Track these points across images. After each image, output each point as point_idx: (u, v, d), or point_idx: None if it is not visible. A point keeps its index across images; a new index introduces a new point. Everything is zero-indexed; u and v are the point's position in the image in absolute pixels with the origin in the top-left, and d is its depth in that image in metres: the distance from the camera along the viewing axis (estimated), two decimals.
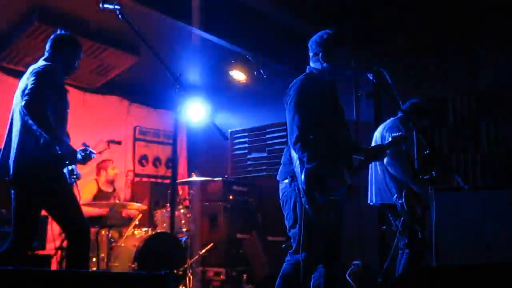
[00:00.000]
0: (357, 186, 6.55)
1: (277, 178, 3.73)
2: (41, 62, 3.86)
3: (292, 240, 3.57)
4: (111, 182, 6.96)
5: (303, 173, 3.36)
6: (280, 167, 3.72)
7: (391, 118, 5.09)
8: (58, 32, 4.08)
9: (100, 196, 6.61)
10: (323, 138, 3.50)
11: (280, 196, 3.68)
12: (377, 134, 5.14)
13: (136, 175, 8.49)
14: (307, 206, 3.37)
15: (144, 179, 8.48)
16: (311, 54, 3.69)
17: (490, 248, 5.83)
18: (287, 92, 3.61)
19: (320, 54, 3.61)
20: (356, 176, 3.66)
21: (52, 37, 4.05)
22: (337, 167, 3.51)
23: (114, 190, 7.02)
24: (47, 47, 4.01)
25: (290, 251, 3.59)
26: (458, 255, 5.77)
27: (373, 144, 5.04)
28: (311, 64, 3.71)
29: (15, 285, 1.72)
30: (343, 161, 3.59)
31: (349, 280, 6.43)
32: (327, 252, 3.64)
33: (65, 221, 3.73)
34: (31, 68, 3.80)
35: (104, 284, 1.73)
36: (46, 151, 3.60)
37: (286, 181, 3.59)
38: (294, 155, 3.49)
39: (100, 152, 6.41)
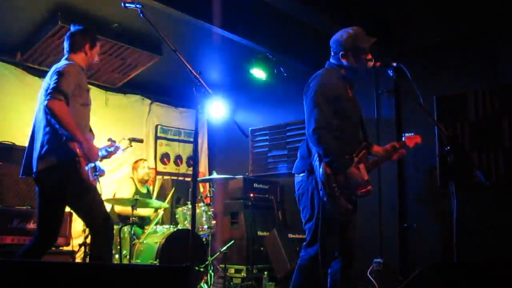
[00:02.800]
0: (377, 184, 6.57)
1: (293, 171, 3.74)
2: (63, 62, 3.92)
3: (307, 234, 3.58)
4: (143, 182, 7.04)
5: (321, 166, 3.38)
6: (297, 161, 3.74)
7: None
8: (72, 29, 4.10)
9: (136, 195, 6.68)
10: (338, 133, 3.53)
11: (296, 189, 3.70)
12: None
13: (158, 173, 8.57)
14: (325, 199, 3.39)
15: (166, 177, 8.55)
16: (332, 53, 3.71)
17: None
18: (307, 85, 3.64)
19: (340, 54, 3.64)
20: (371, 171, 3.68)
21: (68, 35, 4.08)
22: (353, 160, 3.53)
23: (148, 192, 7.09)
24: (66, 45, 4.05)
25: (304, 245, 3.61)
26: (479, 252, 5.74)
27: None
28: (331, 60, 3.73)
29: (40, 277, 1.76)
30: (358, 157, 3.60)
31: (370, 278, 6.43)
32: (345, 249, 3.65)
33: (88, 217, 3.77)
34: (53, 68, 3.86)
35: (126, 277, 1.77)
36: (68, 149, 3.65)
37: (303, 174, 3.62)
38: (313, 148, 3.51)
39: (123, 150, 6.53)
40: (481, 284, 2.29)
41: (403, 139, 4.23)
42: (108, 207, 4.77)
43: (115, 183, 7.31)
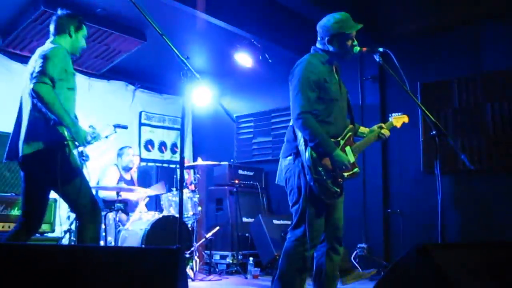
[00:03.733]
0: (362, 170, 6.62)
1: (281, 156, 3.77)
2: (48, 45, 3.85)
3: (293, 216, 3.62)
4: (127, 170, 7.00)
5: (307, 150, 3.42)
6: (283, 145, 3.76)
7: None
8: (59, 12, 4.03)
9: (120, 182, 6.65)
10: (323, 117, 3.56)
11: (283, 173, 3.71)
12: None
13: (142, 159, 8.53)
14: (311, 183, 3.42)
15: (150, 164, 8.53)
16: (318, 38, 3.72)
17: (494, 228, 5.89)
18: (291, 71, 3.65)
19: (326, 39, 3.64)
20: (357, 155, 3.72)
21: (54, 18, 4.01)
22: (337, 145, 3.57)
23: (131, 179, 7.06)
24: (51, 29, 3.98)
25: (290, 228, 3.65)
26: (464, 235, 5.84)
27: None
28: (317, 45, 3.74)
29: (28, 260, 1.75)
30: (344, 140, 3.64)
31: (354, 262, 6.49)
32: (331, 233, 3.69)
33: (76, 202, 3.73)
34: (38, 51, 3.80)
35: (118, 259, 1.77)
36: (56, 133, 3.62)
37: (290, 157, 3.64)
38: (299, 132, 3.53)
39: (106, 137, 6.48)
40: (465, 264, 2.32)
41: (390, 119, 4.27)
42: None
43: (99, 169, 7.27)
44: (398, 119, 4.26)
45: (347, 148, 3.65)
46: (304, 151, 3.47)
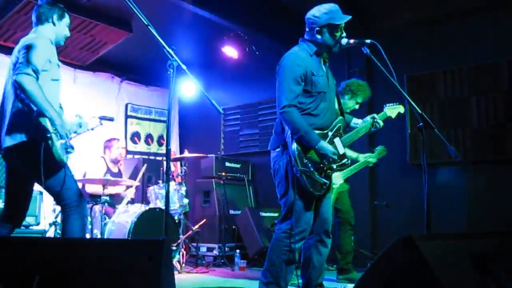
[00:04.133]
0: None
1: (268, 147, 3.77)
2: (31, 35, 3.79)
3: (282, 208, 3.63)
4: (115, 162, 6.94)
5: (293, 143, 3.42)
6: (272, 136, 3.76)
7: None
8: (40, 1, 3.95)
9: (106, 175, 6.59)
10: (309, 109, 3.58)
11: (272, 165, 3.72)
12: None
13: (128, 152, 8.49)
14: (298, 175, 3.43)
15: (136, 156, 8.49)
16: (307, 29, 3.71)
17: (479, 218, 5.95)
18: (279, 63, 3.66)
19: (315, 30, 3.63)
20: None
21: (36, 7, 3.93)
22: (325, 137, 3.58)
23: (119, 171, 7.00)
24: (34, 18, 3.90)
25: (278, 220, 3.66)
26: (450, 226, 5.89)
27: None
28: (305, 37, 3.73)
29: (13, 253, 1.73)
30: (332, 131, 3.66)
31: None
32: (319, 225, 3.70)
33: (61, 195, 3.70)
34: (22, 41, 3.73)
35: (104, 251, 1.76)
36: (38, 126, 3.57)
37: (278, 149, 3.65)
38: (287, 129, 3.54)
39: (92, 129, 6.42)
40: (451, 255, 2.34)
41: (384, 110, 4.27)
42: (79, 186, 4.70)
43: (85, 162, 7.21)
44: (392, 110, 4.27)
45: (336, 140, 3.66)
46: (290, 143, 3.47)
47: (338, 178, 5.14)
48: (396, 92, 3.35)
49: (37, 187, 3.90)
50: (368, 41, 3.44)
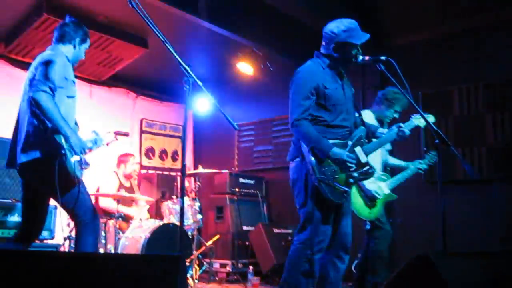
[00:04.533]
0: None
1: (287, 158, 3.76)
2: (49, 51, 3.83)
3: (301, 218, 3.60)
4: (129, 178, 6.97)
5: (310, 152, 3.43)
6: (290, 147, 3.76)
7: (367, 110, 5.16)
8: (67, 19, 4.00)
9: (120, 190, 6.62)
10: (323, 121, 3.58)
11: (290, 175, 3.71)
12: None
13: (142, 167, 8.52)
14: (316, 183, 3.41)
15: (151, 171, 8.52)
16: (323, 42, 3.73)
17: (496, 237, 5.88)
18: (292, 77, 3.68)
19: (331, 46, 3.65)
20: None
21: (60, 24, 3.98)
22: (345, 146, 3.56)
23: (131, 185, 7.03)
24: (56, 35, 3.95)
25: (296, 231, 3.64)
26: (465, 244, 5.82)
27: None
28: (322, 51, 3.75)
29: (28, 267, 1.74)
30: (352, 141, 3.64)
31: (356, 272, 6.45)
32: (337, 240, 3.67)
33: (75, 210, 3.71)
34: (39, 57, 3.77)
35: (119, 266, 1.76)
36: (53, 142, 3.60)
37: (297, 159, 3.64)
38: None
39: (107, 144, 6.47)
40: (467, 273, 2.32)
41: (411, 119, 4.24)
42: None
43: (99, 177, 7.25)
44: (420, 119, 4.22)
45: (357, 149, 3.64)
46: (307, 153, 3.47)
47: (384, 188, 5.05)
48: (411, 109, 3.34)
49: (52, 202, 3.93)
50: (383, 58, 3.44)
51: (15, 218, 5.35)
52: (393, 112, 5.17)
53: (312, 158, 3.44)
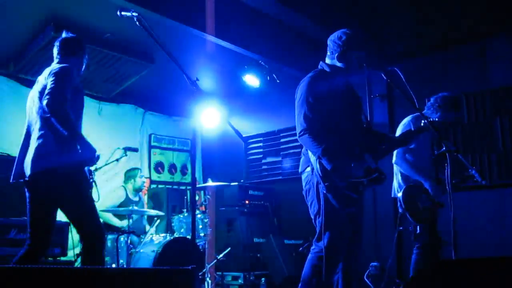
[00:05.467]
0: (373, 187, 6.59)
1: (299, 170, 3.77)
2: (56, 65, 3.87)
3: (316, 228, 3.59)
4: (138, 191, 7.01)
5: (317, 163, 3.43)
6: (301, 159, 3.78)
7: (409, 116, 5.07)
8: (66, 35, 4.07)
9: (127, 204, 6.65)
10: (330, 129, 3.58)
11: (303, 186, 3.72)
12: (397, 130, 5.13)
13: (152, 182, 8.56)
14: (325, 192, 3.43)
15: (161, 186, 8.55)
16: (328, 52, 3.75)
17: (508, 242, 5.84)
18: (296, 89, 3.70)
19: (336, 55, 3.68)
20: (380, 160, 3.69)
21: (61, 40, 4.03)
22: (350, 152, 3.56)
23: (140, 200, 7.07)
24: (58, 50, 4.00)
25: (314, 240, 3.63)
26: (477, 250, 5.79)
27: None
28: (326, 60, 3.77)
29: (42, 283, 1.76)
30: (357, 147, 3.63)
31: (368, 282, 6.44)
32: (348, 248, 3.66)
33: (83, 224, 3.67)
34: (47, 70, 3.79)
35: (133, 280, 1.78)
36: (66, 152, 3.61)
37: (308, 169, 3.64)
38: (310, 152, 3.55)
39: (117, 160, 6.53)
40: (480, 281, 2.31)
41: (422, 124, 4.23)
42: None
43: (108, 192, 7.28)
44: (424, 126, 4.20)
45: (366, 155, 3.63)
46: (315, 162, 3.48)
47: None
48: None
49: (64, 217, 3.92)
50: (388, 68, 3.46)
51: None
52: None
53: (320, 167, 3.45)
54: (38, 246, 3.76)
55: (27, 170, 3.67)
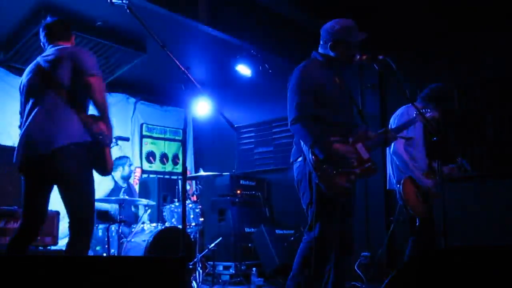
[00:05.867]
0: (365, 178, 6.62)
1: (291, 159, 3.77)
2: (64, 46, 3.81)
3: (308, 218, 3.60)
4: (126, 179, 7.00)
5: (309, 151, 3.44)
6: (293, 148, 3.78)
7: (402, 106, 5.08)
8: (51, 19, 3.98)
9: (116, 192, 6.64)
10: (322, 118, 3.59)
11: (295, 176, 3.72)
12: (390, 122, 5.14)
13: (143, 171, 8.55)
14: (317, 181, 3.42)
15: (152, 176, 8.54)
16: (321, 41, 3.75)
17: (497, 232, 5.89)
18: (289, 77, 3.69)
19: (329, 44, 3.67)
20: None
21: (44, 26, 3.93)
22: (345, 143, 3.56)
23: (129, 186, 7.06)
24: (50, 36, 3.89)
25: (305, 230, 3.64)
26: (467, 239, 5.83)
27: None
28: (319, 50, 3.77)
29: (32, 271, 1.75)
30: (353, 137, 3.64)
31: (358, 272, 6.47)
32: (341, 239, 3.67)
33: (83, 204, 3.60)
34: (60, 50, 3.72)
35: (123, 269, 1.77)
36: (98, 128, 3.58)
37: (300, 159, 3.65)
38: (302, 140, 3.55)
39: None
40: (470, 269, 2.33)
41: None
42: None
43: (98, 181, 7.23)
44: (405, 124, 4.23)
45: (358, 145, 3.64)
46: (307, 152, 3.48)
47: None
48: None
49: (55, 206, 3.87)
50: (380, 57, 3.46)
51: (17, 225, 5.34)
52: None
53: (312, 157, 3.45)
54: (32, 227, 3.66)
55: (50, 144, 3.49)
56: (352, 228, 3.77)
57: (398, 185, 4.81)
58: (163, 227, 5.93)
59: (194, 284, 5.99)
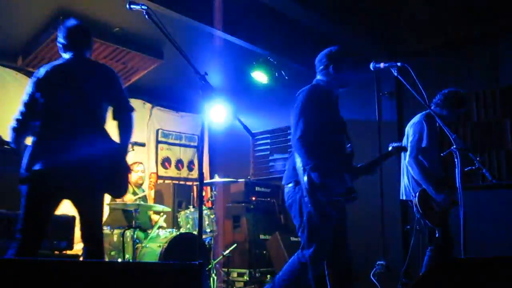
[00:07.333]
0: (379, 186, 6.58)
1: (283, 182, 3.83)
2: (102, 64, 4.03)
3: (301, 239, 3.66)
4: (139, 185, 7.00)
5: (305, 175, 3.43)
6: (285, 171, 3.83)
7: (418, 114, 5.03)
8: (69, 24, 3.98)
9: (132, 198, 6.65)
10: (323, 143, 3.61)
11: (286, 199, 3.78)
12: (407, 129, 5.09)
13: (159, 177, 8.57)
14: (309, 206, 3.45)
15: (167, 181, 8.55)
16: (320, 68, 3.85)
17: None
18: (295, 98, 3.71)
19: (330, 66, 3.76)
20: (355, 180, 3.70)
21: (64, 30, 3.94)
22: (337, 169, 3.57)
23: (143, 192, 7.06)
24: (78, 41, 3.93)
25: (299, 248, 3.68)
26: (486, 250, 5.76)
27: (404, 140, 5.01)
28: (318, 77, 3.83)
29: (48, 277, 1.75)
30: (343, 166, 3.65)
31: (374, 280, 6.42)
32: (333, 254, 3.69)
33: (97, 221, 3.59)
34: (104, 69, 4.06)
35: (141, 275, 1.76)
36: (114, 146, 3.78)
37: (290, 185, 3.71)
38: (298, 161, 3.52)
39: None
40: (488, 280, 2.29)
41: (389, 148, 4.23)
42: None
43: None
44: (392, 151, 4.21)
45: (347, 175, 3.65)
46: (302, 176, 3.48)
47: None
48: None
49: (69, 211, 3.87)
50: (398, 64, 3.45)
51: None
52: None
53: (306, 180, 3.43)
54: (32, 244, 3.39)
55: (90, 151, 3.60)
56: (348, 253, 3.76)
57: (414, 197, 4.77)
58: (178, 233, 5.93)
59: None
